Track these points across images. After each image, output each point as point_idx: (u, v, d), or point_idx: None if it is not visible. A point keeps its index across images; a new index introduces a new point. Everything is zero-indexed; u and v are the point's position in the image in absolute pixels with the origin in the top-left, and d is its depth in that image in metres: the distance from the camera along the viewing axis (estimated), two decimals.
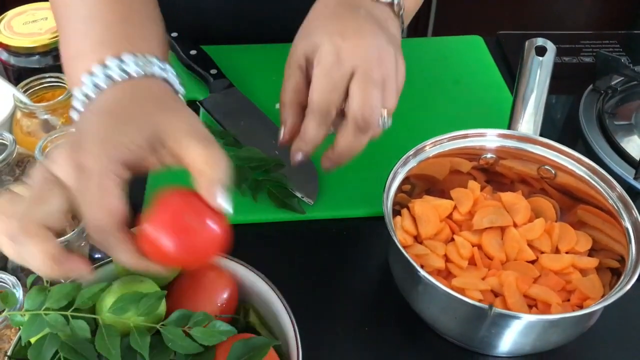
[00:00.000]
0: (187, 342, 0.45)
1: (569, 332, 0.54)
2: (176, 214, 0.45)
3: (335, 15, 0.54)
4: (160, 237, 0.45)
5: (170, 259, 0.45)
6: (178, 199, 0.46)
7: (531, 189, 0.66)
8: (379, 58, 0.52)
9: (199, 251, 0.46)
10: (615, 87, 0.83)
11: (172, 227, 0.45)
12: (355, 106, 0.51)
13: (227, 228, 0.46)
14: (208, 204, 0.45)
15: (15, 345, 0.48)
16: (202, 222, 0.45)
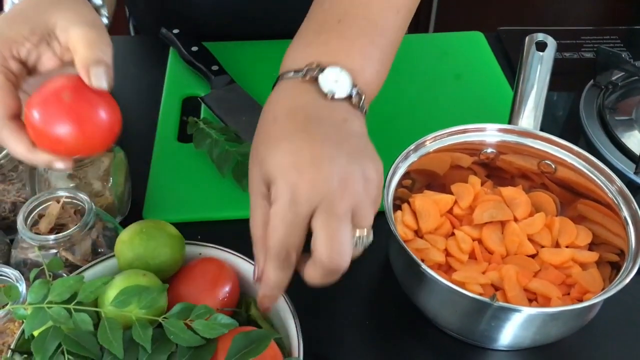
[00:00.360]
0: (188, 335, 0.45)
1: (569, 326, 0.55)
2: (57, 100, 0.46)
3: (285, 136, 0.46)
4: (48, 123, 0.45)
5: (61, 146, 0.46)
6: (58, 87, 0.46)
7: (531, 184, 0.66)
8: (342, 187, 0.43)
9: (89, 135, 0.46)
10: (616, 82, 0.83)
11: (54, 115, 0.45)
12: (322, 250, 0.44)
13: (117, 113, 0.47)
14: (90, 88, 0.46)
15: (18, 339, 0.48)
16: (85, 106, 0.46)
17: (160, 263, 0.52)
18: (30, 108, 0.46)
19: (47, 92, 0.46)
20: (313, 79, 0.48)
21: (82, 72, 0.46)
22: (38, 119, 0.46)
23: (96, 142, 0.47)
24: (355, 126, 0.48)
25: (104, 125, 0.47)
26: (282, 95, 0.49)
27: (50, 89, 0.46)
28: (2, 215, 0.63)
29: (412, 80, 0.87)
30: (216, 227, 0.68)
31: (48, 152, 0.47)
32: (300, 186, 0.43)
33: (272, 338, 0.46)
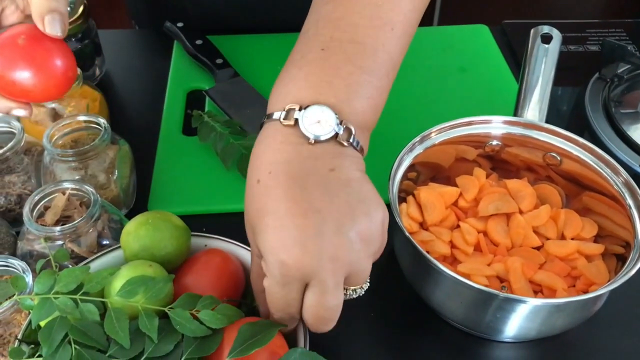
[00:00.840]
0: (194, 325, 0.45)
1: (575, 317, 0.54)
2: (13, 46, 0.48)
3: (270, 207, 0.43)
4: (4, 67, 0.47)
5: (17, 91, 0.48)
6: (13, 34, 0.48)
7: (537, 176, 0.66)
8: (332, 261, 0.42)
9: (45, 80, 0.48)
10: (622, 75, 0.82)
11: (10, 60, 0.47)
12: (309, 319, 0.45)
13: (72, 59, 0.50)
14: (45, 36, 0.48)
15: (25, 329, 0.48)
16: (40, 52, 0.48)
17: (166, 254, 0.52)
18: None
19: (3, 38, 0.48)
20: (294, 122, 0.45)
21: (37, 20, 0.48)
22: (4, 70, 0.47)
23: (52, 86, 0.49)
24: (345, 172, 0.44)
25: (59, 71, 0.49)
26: (264, 146, 0.46)
27: (6, 36, 0.48)
28: (8, 207, 0.63)
29: (417, 73, 0.87)
30: (221, 219, 0.68)
31: (6, 98, 0.49)
32: (288, 267, 0.42)
33: (279, 328, 0.46)
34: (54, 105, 0.70)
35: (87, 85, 0.73)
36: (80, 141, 0.66)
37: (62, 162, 0.62)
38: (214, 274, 0.52)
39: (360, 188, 0.44)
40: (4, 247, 0.59)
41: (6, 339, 0.51)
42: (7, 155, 0.62)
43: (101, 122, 0.64)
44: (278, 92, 0.48)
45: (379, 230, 0.44)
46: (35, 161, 0.65)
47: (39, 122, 0.70)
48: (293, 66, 0.48)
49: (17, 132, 0.63)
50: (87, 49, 0.81)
